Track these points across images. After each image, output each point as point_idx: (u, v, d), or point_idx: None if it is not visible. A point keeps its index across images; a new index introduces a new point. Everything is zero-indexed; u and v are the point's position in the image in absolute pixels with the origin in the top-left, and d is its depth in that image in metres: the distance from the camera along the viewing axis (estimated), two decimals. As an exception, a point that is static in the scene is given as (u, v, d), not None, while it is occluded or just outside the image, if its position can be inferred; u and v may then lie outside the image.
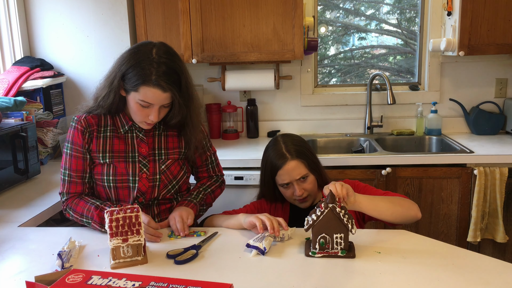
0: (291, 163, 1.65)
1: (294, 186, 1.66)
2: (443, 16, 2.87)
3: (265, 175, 1.74)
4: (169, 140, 1.66)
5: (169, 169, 1.64)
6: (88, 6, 2.69)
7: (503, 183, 2.38)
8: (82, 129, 1.57)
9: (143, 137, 1.62)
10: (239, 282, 1.17)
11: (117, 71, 1.50)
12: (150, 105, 1.49)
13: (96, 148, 1.58)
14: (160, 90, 1.46)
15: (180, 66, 1.51)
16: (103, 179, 1.59)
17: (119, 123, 1.61)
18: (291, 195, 1.68)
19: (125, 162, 1.59)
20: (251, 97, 3.05)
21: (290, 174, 1.65)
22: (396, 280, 1.20)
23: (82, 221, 1.56)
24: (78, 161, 1.58)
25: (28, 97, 2.46)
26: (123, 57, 1.51)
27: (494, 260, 1.31)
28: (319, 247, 1.34)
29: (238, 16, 2.63)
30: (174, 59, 1.51)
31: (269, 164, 1.71)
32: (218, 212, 1.76)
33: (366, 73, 3.21)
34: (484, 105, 2.94)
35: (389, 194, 1.63)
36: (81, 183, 1.59)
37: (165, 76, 1.46)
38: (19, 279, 1.25)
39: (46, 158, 2.47)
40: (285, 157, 1.66)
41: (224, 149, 2.74)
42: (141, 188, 1.59)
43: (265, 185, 1.75)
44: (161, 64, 1.46)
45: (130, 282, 1.02)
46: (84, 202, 1.56)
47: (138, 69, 1.45)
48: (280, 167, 1.66)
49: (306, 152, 1.70)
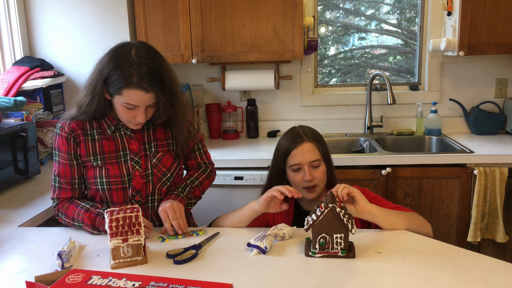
0: (306, 145, 1.65)
1: (305, 170, 1.64)
2: (443, 16, 2.87)
3: (277, 158, 1.72)
4: (157, 131, 1.65)
5: (160, 162, 1.63)
6: (88, 6, 2.69)
7: (503, 183, 2.38)
8: (66, 136, 1.56)
9: (132, 134, 1.61)
10: (239, 282, 1.17)
11: (98, 76, 1.48)
12: (136, 106, 1.47)
13: (86, 152, 1.57)
14: (143, 91, 1.44)
15: (161, 64, 1.48)
16: (97, 182, 1.58)
17: (105, 125, 1.60)
18: (300, 181, 1.65)
19: (117, 163, 1.58)
20: (251, 97, 3.05)
21: (303, 156, 1.64)
22: (396, 280, 1.20)
23: (74, 225, 1.56)
24: (65, 168, 1.58)
25: (28, 97, 2.46)
26: (103, 61, 1.49)
27: (494, 260, 1.31)
28: (319, 247, 1.34)
29: (238, 16, 2.63)
30: (154, 57, 1.48)
31: (284, 145, 1.69)
32: (220, 213, 1.75)
33: (366, 73, 3.21)
34: (484, 105, 2.94)
35: (400, 209, 1.61)
36: (71, 189, 1.59)
37: (147, 77, 1.44)
38: (19, 279, 1.25)
39: (46, 158, 2.47)
40: (302, 139, 1.66)
41: (224, 149, 2.74)
42: (136, 186, 1.59)
43: (275, 168, 1.72)
44: (141, 65, 1.44)
45: (130, 282, 1.02)
46: (74, 206, 1.56)
47: (118, 72, 1.44)
48: (295, 147, 1.65)
49: (322, 141, 1.71)
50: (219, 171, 2.44)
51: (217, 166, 2.41)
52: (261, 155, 2.55)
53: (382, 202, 1.64)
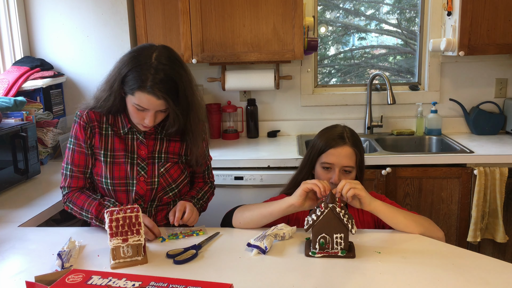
0: (346, 148, 1.62)
1: (335, 171, 1.61)
2: (443, 16, 2.87)
3: (312, 151, 1.69)
4: (171, 144, 1.65)
5: (168, 172, 1.63)
6: (88, 6, 2.69)
7: (503, 183, 2.38)
8: (84, 124, 1.58)
9: (143, 139, 1.61)
10: (239, 282, 1.17)
11: (117, 75, 1.49)
12: (146, 109, 1.48)
13: (99, 145, 1.59)
14: (154, 97, 1.44)
15: (179, 73, 1.47)
16: (102, 181, 1.59)
17: (120, 124, 1.60)
18: (326, 180, 1.57)
19: (124, 164, 1.59)
20: (251, 97, 3.05)
21: (339, 158, 1.61)
22: (396, 280, 1.20)
23: (82, 215, 1.57)
24: (80, 156, 1.58)
25: (28, 97, 2.46)
26: (123, 60, 1.50)
27: (494, 260, 1.31)
28: (319, 247, 1.34)
29: (238, 16, 2.63)
30: (174, 65, 1.47)
31: (323, 141, 1.65)
32: (219, 213, 1.74)
33: (366, 73, 3.21)
34: (484, 105, 2.94)
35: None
36: (83, 178, 1.60)
37: (161, 84, 1.43)
38: (19, 279, 1.25)
39: (46, 158, 2.47)
40: (343, 141, 1.63)
41: (224, 149, 2.74)
42: (139, 191, 1.59)
43: (308, 161, 1.69)
44: (159, 71, 1.43)
45: (130, 282, 1.02)
46: (85, 196, 1.57)
47: (135, 73, 1.44)
48: (334, 146, 1.62)
49: (361, 149, 1.68)
50: (219, 171, 2.44)
51: (217, 166, 2.44)
52: (261, 155, 2.55)
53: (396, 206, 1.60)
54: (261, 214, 1.54)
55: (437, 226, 1.55)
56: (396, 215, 1.49)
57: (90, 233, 1.55)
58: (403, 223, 1.49)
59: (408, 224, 1.49)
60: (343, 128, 1.70)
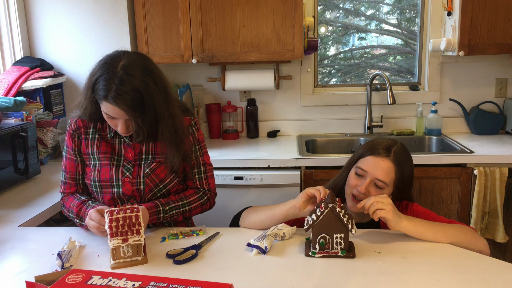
0: (386, 162, 1.54)
1: (365, 181, 1.53)
2: (443, 16, 2.87)
3: (354, 154, 1.63)
4: (157, 144, 1.61)
5: (154, 172, 1.59)
6: (88, 6, 2.69)
7: (503, 183, 2.38)
8: (72, 132, 1.62)
9: (130, 142, 1.61)
10: (239, 282, 1.17)
11: (89, 82, 1.48)
12: (115, 118, 1.47)
13: (86, 150, 1.62)
14: (117, 107, 1.42)
15: (147, 84, 1.42)
16: (91, 184, 1.61)
17: (107, 129, 1.62)
18: (353, 186, 1.56)
19: (109, 166, 1.59)
20: (251, 97, 3.05)
21: (375, 168, 1.53)
22: (396, 280, 1.20)
23: (70, 216, 1.62)
24: (71, 163, 1.64)
25: (28, 97, 2.46)
26: (94, 67, 1.49)
27: (494, 260, 1.31)
28: (319, 247, 1.34)
29: (238, 16, 2.63)
30: (142, 75, 1.42)
31: (369, 145, 1.59)
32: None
33: (366, 73, 3.21)
34: (484, 105, 2.94)
35: (453, 223, 1.49)
36: (75, 184, 1.65)
37: (125, 95, 1.39)
38: (19, 279, 1.25)
39: (46, 158, 2.47)
40: (388, 154, 1.55)
41: (224, 149, 2.74)
42: (126, 193, 1.58)
43: (348, 163, 1.64)
44: (123, 81, 1.40)
45: (130, 282, 1.02)
46: (72, 198, 1.62)
47: (102, 82, 1.42)
48: (375, 155, 1.55)
49: (405, 171, 1.57)
50: (219, 171, 2.44)
51: (217, 166, 2.43)
52: (261, 155, 2.55)
53: (431, 216, 1.55)
54: (265, 215, 1.54)
55: (477, 236, 1.44)
56: (424, 233, 1.42)
57: (90, 233, 1.55)
58: (432, 240, 1.42)
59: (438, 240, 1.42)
60: (395, 143, 1.61)
